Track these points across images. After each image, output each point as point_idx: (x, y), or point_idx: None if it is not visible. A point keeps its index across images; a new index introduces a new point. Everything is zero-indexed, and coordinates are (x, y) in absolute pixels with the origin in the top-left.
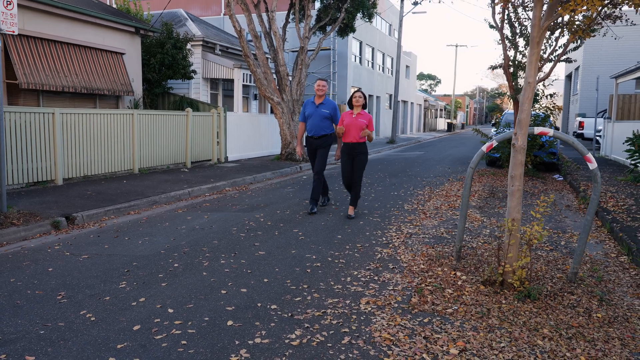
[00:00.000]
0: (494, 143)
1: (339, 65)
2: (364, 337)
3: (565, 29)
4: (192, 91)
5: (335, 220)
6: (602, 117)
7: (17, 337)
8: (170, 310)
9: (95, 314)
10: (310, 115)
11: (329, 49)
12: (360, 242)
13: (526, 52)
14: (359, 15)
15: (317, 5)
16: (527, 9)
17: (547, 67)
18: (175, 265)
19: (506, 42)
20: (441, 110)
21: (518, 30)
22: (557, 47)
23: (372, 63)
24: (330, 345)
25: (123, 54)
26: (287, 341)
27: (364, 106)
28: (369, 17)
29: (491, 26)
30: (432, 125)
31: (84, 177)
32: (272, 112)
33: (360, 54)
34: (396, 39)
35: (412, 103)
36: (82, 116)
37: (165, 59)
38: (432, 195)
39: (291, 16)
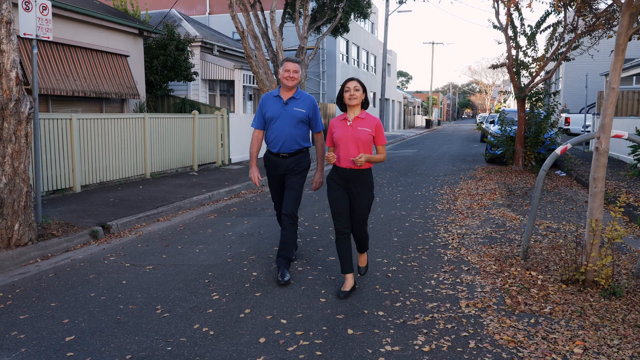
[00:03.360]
0: (569, 146)
1: (328, 64)
2: (488, 340)
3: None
4: (191, 93)
5: (383, 223)
6: (586, 113)
7: (147, 354)
8: (284, 321)
9: (210, 327)
10: (274, 118)
11: (319, 48)
12: (419, 245)
13: (528, 51)
14: (353, 15)
15: (312, 5)
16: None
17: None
18: (255, 273)
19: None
20: (418, 107)
21: (521, 30)
22: (559, 47)
23: (358, 61)
24: (460, 350)
25: (127, 56)
26: (416, 347)
27: (364, 104)
28: (364, 16)
29: (495, 26)
30: (410, 122)
31: (99, 184)
32: None
33: (347, 52)
34: (378, 37)
35: (393, 101)
36: (97, 121)
37: (167, 60)
38: (457, 194)
39: (286, 16)
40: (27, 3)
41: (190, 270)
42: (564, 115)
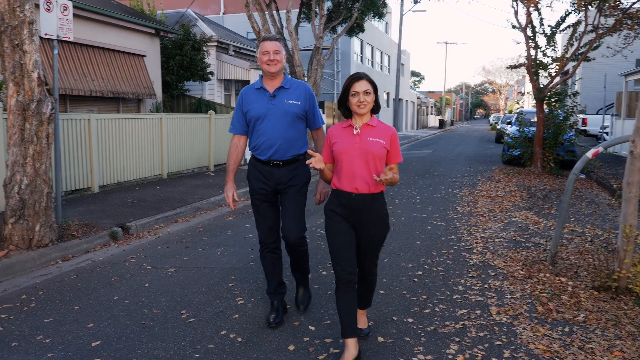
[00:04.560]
0: (600, 149)
1: (342, 64)
2: (523, 350)
3: None
4: (207, 92)
5: (404, 226)
6: (604, 114)
7: None
8: (312, 328)
9: (237, 334)
10: (261, 117)
11: (335, 48)
12: (443, 248)
13: (547, 51)
14: (368, 15)
15: (327, 4)
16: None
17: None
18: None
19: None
20: (431, 107)
21: (540, 30)
22: (580, 47)
23: (372, 61)
24: (495, 359)
25: (144, 56)
26: (450, 357)
27: (374, 109)
28: (380, 16)
29: (513, 26)
30: (424, 123)
31: (117, 184)
32: None
33: (362, 52)
34: (391, 37)
35: (406, 101)
36: (115, 121)
37: (183, 60)
38: (476, 196)
39: (302, 16)
40: (48, 3)
41: (212, 274)
42: (580, 116)
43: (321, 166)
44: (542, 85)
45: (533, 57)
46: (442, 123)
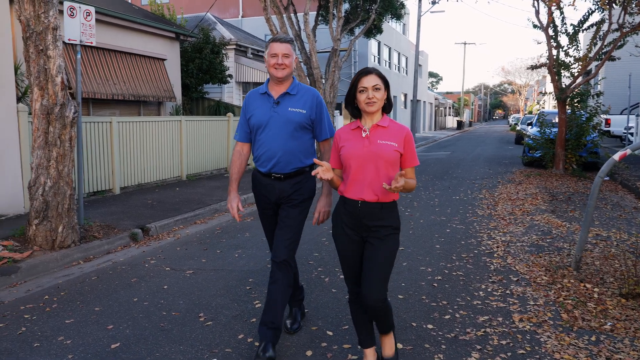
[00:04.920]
0: (628, 151)
1: (359, 66)
2: (547, 359)
3: None
4: (225, 95)
5: (423, 229)
6: (629, 114)
7: None
8: (330, 333)
9: (255, 338)
10: (262, 125)
11: (352, 50)
12: (463, 252)
13: (570, 51)
14: (386, 16)
15: (345, 6)
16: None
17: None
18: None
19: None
20: (449, 108)
21: (562, 29)
22: (604, 46)
23: (389, 63)
24: None
25: (165, 59)
26: None
27: (386, 108)
28: (397, 17)
29: (534, 26)
30: (442, 124)
31: (138, 186)
32: None
33: (379, 54)
34: (409, 38)
35: (424, 102)
36: (135, 124)
37: (203, 63)
38: (496, 199)
39: (319, 18)
40: (72, 9)
41: (230, 276)
42: (604, 116)
43: (329, 177)
44: (564, 86)
45: (555, 57)
46: (460, 124)
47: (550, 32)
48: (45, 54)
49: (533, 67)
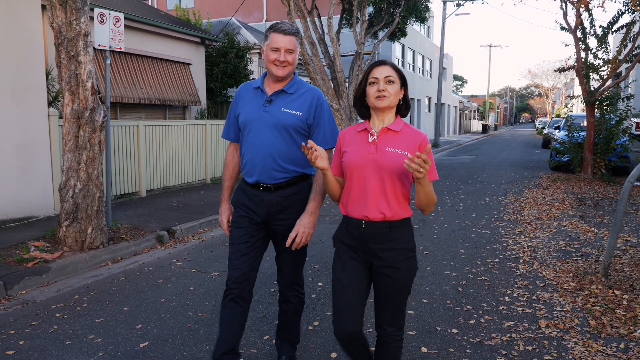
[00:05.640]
0: None
1: None
2: None
3: None
4: None
5: (448, 233)
6: None
7: None
8: None
9: None
10: (248, 124)
11: (376, 53)
12: (488, 257)
13: (599, 53)
14: (410, 19)
15: (369, 10)
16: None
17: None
18: (320, 284)
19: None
20: (474, 111)
21: (591, 31)
22: (634, 47)
23: (413, 66)
24: None
25: (190, 64)
26: None
27: (400, 108)
28: (422, 21)
29: (562, 28)
30: (466, 127)
31: (163, 189)
32: None
33: (403, 57)
34: (433, 41)
35: (448, 105)
36: (161, 128)
37: (227, 68)
38: (522, 204)
39: (343, 22)
40: (102, 16)
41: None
42: (634, 120)
43: (323, 165)
44: (593, 89)
45: (583, 60)
46: (485, 128)
47: (579, 34)
48: (76, 59)
49: (561, 70)
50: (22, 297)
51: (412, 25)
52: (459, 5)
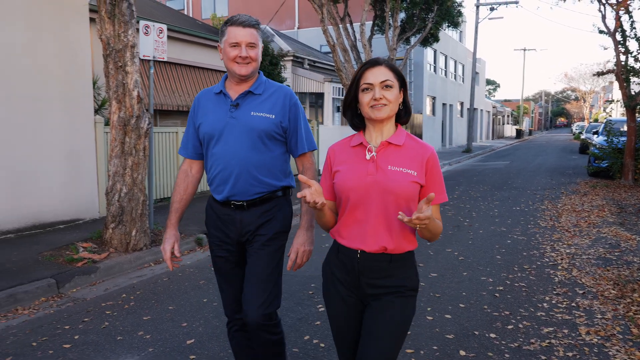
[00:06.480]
0: None
1: (415, 74)
2: None
3: None
4: None
5: (483, 239)
6: None
7: None
8: None
9: (320, 339)
10: (215, 135)
11: (408, 59)
12: (525, 264)
13: (639, 56)
14: (443, 25)
15: (401, 15)
16: None
17: None
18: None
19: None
20: (508, 116)
21: (631, 34)
22: None
23: (445, 71)
24: None
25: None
26: None
27: (400, 116)
28: (455, 26)
29: (601, 31)
30: (499, 133)
31: (201, 193)
32: None
33: (435, 62)
34: (466, 45)
35: (481, 110)
36: None
37: None
38: (560, 210)
39: (375, 28)
40: (146, 28)
41: (293, 281)
42: None
43: (321, 201)
44: (633, 93)
45: (623, 63)
46: (519, 133)
47: (618, 37)
48: (123, 69)
49: (599, 74)
50: (73, 295)
51: (445, 30)
52: (492, 9)
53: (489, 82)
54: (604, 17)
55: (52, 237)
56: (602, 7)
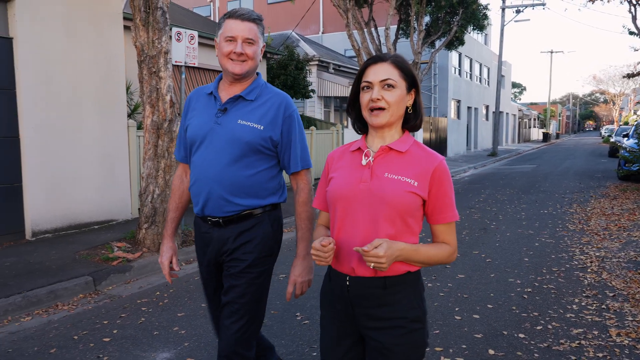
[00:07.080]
0: None
1: (439, 78)
2: None
3: None
4: (307, 109)
5: (510, 242)
6: None
7: (295, 357)
8: None
9: None
10: (197, 140)
11: (433, 63)
12: (553, 266)
13: None
14: (468, 28)
15: (426, 19)
16: None
17: None
18: None
19: None
20: (534, 119)
21: None
22: None
23: (470, 74)
24: None
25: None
26: None
27: (410, 119)
28: (480, 29)
29: (631, 32)
30: (526, 136)
31: None
32: None
33: (460, 65)
34: (491, 48)
35: (507, 113)
36: None
37: (287, 79)
38: (589, 214)
39: (400, 32)
40: (179, 34)
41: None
42: None
43: (325, 260)
44: None
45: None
46: (546, 136)
47: None
48: (157, 75)
49: (630, 76)
50: (109, 292)
51: (470, 33)
52: (518, 12)
53: (514, 85)
54: (634, 18)
55: (88, 237)
56: (632, 8)
